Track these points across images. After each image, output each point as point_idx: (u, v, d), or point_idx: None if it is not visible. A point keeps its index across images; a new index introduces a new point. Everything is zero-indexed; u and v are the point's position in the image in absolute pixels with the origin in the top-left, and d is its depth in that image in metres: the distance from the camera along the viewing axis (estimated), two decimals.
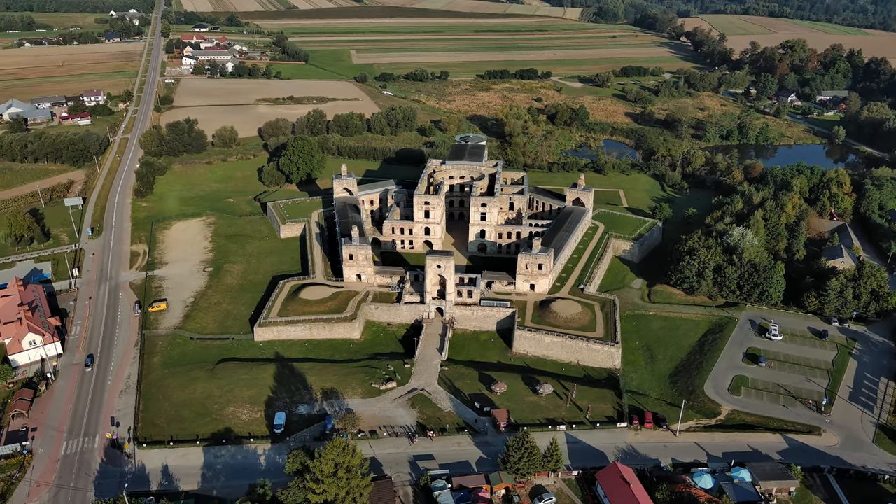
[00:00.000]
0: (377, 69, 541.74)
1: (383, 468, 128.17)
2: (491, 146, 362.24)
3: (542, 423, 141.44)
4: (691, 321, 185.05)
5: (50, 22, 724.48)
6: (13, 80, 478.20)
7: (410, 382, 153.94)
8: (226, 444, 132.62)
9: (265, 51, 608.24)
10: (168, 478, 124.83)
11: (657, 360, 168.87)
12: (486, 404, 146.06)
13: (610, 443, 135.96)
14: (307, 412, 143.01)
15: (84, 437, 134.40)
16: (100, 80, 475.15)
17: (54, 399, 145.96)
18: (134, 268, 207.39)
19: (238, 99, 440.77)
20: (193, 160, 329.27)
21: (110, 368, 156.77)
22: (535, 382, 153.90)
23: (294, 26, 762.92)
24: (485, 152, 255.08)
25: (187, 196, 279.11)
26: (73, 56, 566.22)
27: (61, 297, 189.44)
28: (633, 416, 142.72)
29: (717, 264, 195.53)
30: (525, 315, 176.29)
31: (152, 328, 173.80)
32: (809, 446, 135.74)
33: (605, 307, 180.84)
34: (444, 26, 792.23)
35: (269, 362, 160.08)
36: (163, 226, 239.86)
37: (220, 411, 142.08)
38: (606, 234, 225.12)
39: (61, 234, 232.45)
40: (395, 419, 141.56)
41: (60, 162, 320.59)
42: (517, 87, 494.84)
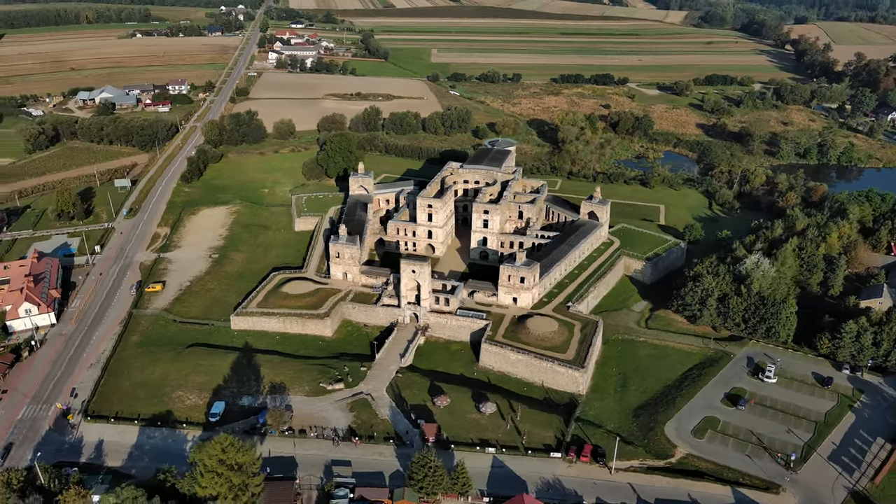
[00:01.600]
0: (452, 69, 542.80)
1: (298, 469, 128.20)
2: (541, 152, 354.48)
3: (472, 443, 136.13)
4: (683, 352, 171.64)
5: (165, 15, 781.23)
6: (118, 68, 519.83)
7: (360, 386, 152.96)
8: (161, 426, 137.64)
9: (350, 47, 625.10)
10: (98, 452, 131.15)
11: (629, 391, 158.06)
12: (424, 416, 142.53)
13: (537, 472, 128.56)
14: (248, 404, 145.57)
15: (43, 405, 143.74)
16: (191, 71, 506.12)
17: (32, 366, 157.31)
18: (150, 249, 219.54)
19: (310, 93, 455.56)
20: (249, 150, 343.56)
21: (91, 342, 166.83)
22: (483, 399, 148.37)
23: (386, 24, 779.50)
24: (508, 158, 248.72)
25: (228, 184, 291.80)
26: (174, 47, 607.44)
27: (77, 271, 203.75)
28: (572, 447, 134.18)
29: (723, 293, 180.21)
30: (499, 329, 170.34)
31: (142, 307, 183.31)
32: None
33: (586, 328, 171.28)
34: (531, 28, 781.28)
35: (233, 351, 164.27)
36: (191, 211, 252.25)
37: (169, 394, 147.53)
38: (618, 252, 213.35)
39: (101, 213, 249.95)
40: (329, 421, 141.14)
41: (131, 145, 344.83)
42: (588, 92, 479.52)
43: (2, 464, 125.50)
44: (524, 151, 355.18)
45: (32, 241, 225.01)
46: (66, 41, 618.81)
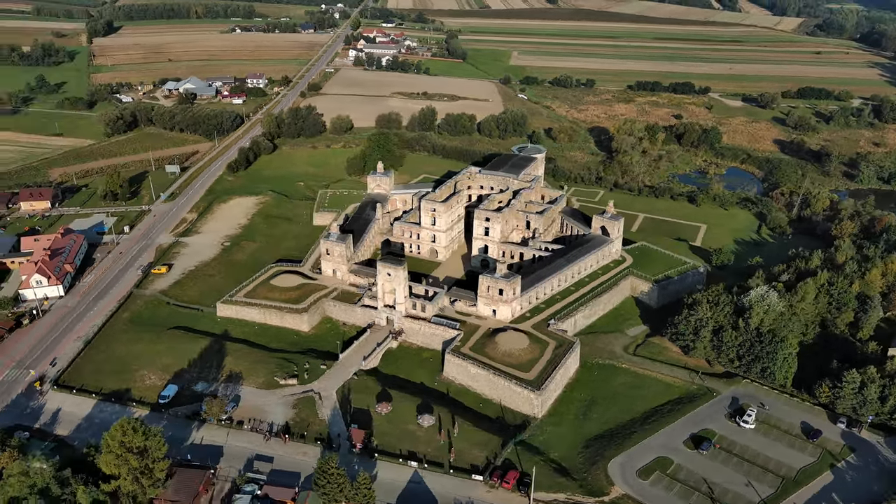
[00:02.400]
0: (528, 72, 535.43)
1: (222, 459, 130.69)
2: (593, 161, 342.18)
3: (398, 454, 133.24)
4: (663, 384, 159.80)
5: (267, 11, 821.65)
6: (210, 61, 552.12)
7: (312, 384, 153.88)
8: (114, 402, 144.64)
9: (431, 47, 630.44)
10: (53, 420, 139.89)
11: (589, 419, 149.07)
12: (363, 421, 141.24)
13: (453, 493, 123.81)
14: (201, 390, 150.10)
15: (24, 370, 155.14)
16: (274, 66, 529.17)
17: (29, 333, 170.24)
18: (172, 232, 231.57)
19: (378, 91, 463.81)
20: (303, 144, 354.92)
21: (87, 316, 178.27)
22: (427, 411, 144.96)
23: (475, 25, 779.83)
24: (531, 165, 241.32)
25: (271, 175, 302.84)
26: (266, 43, 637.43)
27: (102, 248, 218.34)
28: (497, 471, 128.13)
29: (719, 325, 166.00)
30: (468, 340, 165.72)
31: (143, 287, 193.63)
32: None
33: (559, 349, 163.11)
34: (624, 31, 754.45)
35: (209, 337, 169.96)
36: (223, 199, 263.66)
37: (134, 372, 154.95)
38: (625, 271, 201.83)
39: (145, 196, 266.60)
40: (269, 415, 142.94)
41: (198, 134, 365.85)
42: (664, 101, 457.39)
43: None
44: (574, 160, 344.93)
45: (76, 217, 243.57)
46: (173, 34, 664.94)
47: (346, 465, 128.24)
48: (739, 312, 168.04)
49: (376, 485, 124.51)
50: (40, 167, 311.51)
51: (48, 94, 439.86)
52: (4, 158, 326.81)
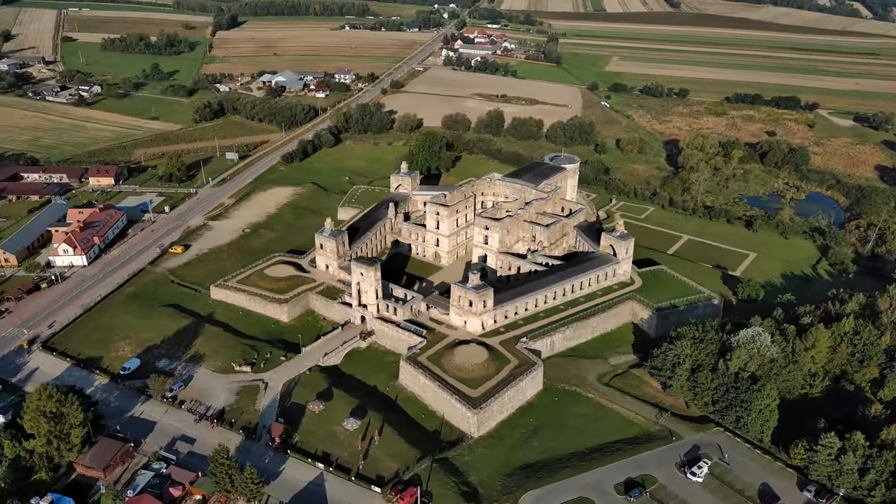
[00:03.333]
0: (623, 78, 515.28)
1: (150, 435, 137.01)
2: (655, 175, 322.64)
3: (312, 454, 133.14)
4: (624, 420, 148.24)
5: (380, 10, 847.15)
6: (311, 56, 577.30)
7: (265, 373, 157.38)
8: (82, 368, 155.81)
9: (529, 50, 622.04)
10: (29, 377, 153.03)
11: (528, 446, 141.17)
12: (293, 416, 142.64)
13: (347, 501, 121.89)
14: (163, 367, 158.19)
15: (25, 329, 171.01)
16: (368, 63, 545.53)
17: (43, 297, 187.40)
18: (204, 215, 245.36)
19: (458, 91, 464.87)
20: (367, 139, 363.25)
21: (97, 286, 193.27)
22: (358, 414, 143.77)
23: (584, 28, 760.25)
24: (557, 175, 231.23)
25: (322, 168, 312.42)
26: (368, 40, 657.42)
27: (140, 225, 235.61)
28: (399, 486, 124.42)
29: (697, 364, 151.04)
30: (429, 349, 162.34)
31: (156, 265, 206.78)
32: None
33: (518, 368, 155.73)
34: (741, 39, 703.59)
35: (192, 316, 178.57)
36: (263, 187, 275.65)
37: (113, 342, 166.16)
38: (628, 295, 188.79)
39: (198, 180, 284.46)
40: (211, 398, 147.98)
41: (274, 124, 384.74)
42: (761, 115, 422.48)
43: None
44: (635, 173, 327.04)
45: (130, 195, 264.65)
46: (287, 30, 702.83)
47: (259, 458, 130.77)
48: (724, 352, 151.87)
49: (277, 481, 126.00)
50: (128, 147, 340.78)
51: (159, 80, 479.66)
52: (101, 137, 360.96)
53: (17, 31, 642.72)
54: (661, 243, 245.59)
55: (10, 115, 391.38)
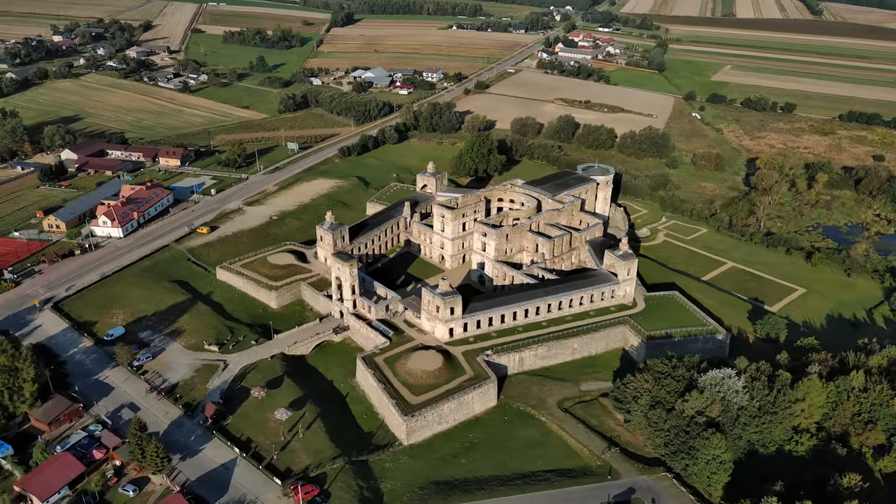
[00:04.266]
0: (728, 89, 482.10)
1: (104, 399, 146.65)
2: (725, 195, 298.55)
3: (236, 437, 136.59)
4: (569, 450, 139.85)
5: (493, 10, 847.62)
6: (411, 54, 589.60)
7: (229, 355, 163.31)
8: (76, 330, 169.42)
9: (633, 55, 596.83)
10: (30, 332, 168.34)
11: (454, 463, 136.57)
12: (234, 400, 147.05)
13: (247, 489, 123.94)
14: (144, 337, 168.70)
15: (47, 290, 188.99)
16: (462, 62, 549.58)
17: (73, 262, 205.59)
18: (243, 200, 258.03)
19: (541, 95, 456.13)
20: (433, 138, 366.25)
21: (122, 258, 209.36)
22: (297, 406, 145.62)
23: (702, 34, 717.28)
24: (581, 188, 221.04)
25: (375, 163, 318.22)
26: (471, 41, 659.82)
27: (184, 205, 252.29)
28: (299, 481, 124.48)
29: (656, 400, 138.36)
30: (389, 351, 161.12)
31: (179, 242, 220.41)
32: None
33: (470, 381, 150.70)
34: (869, 51, 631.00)
35: (190, 293, 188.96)
36: (308, 178, 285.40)
37: (111, 310, 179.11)
38: (620, 319, 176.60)
39: (254, 167, 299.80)
40: (170, 372, 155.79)
41: (349, 117, 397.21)
42: (874, 137, 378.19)
43: None
44: (702, 191, 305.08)
45: (187, 176, 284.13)
46: (397, 28, 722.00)
47: (188, 434, 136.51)
48: (683, 392, 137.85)
49: (193, 459, 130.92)
50: (213, 132, 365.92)
51: (263, 72, 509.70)
52: (193, 122, 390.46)
53: (157, 23, 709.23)
54: (700, 268, 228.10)
55: (123, 97, 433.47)
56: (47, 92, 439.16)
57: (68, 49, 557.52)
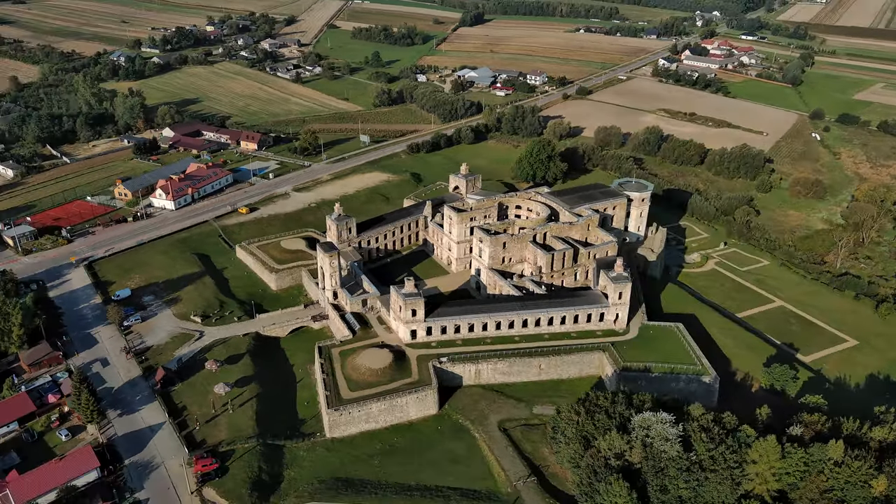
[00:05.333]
0: (869, 110, 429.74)
1: (86, 351, 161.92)
2: (809, 228, 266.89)
3: (171, 403, 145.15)
4: (485, 472, 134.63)
5: (630, 14, 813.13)
6: (525, 55, 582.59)
7: (210, 328, 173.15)
8: (94, 287, 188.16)
9: (769, 67, 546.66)
10: (57, 285, 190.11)
11: (366, 463, 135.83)
12: (192, 369, 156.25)
13: (159, 453, 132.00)
14: (146, 301, 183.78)
15: (90, 249, 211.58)
16: (572, 66, 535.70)
17: (123, 228, 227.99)
18: (294, 187, 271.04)
19: (644, 104, 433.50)
20: (511, 140, 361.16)
21: (165, 228, 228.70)
22: (241, 384, 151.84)
23: (863, 47, 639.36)
24: (604, 202, 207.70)
25: (439, 162, 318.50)
26: (595, 45, 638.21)
27: (242, 185, 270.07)
28: (205, 454, 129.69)
29: (582, 435, 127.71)
30: (350, 344, 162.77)
31: (217, 220, 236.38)
32: None
33: (411, 385, 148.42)
34: None
35: (204, 267, 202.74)
36: (364, 170, 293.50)
37: (132, 274, 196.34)
38: (600, 346, 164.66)
39: (323, 156, 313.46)
40: (150, 336, 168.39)
41: (436, 114, 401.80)
42: None
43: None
44: (785, 219, 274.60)
45: (260, 160, 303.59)
46: (521, 28, 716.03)
47: (136, 393, 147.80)
48: (619, 430, 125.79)
49: (129, 417, 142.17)
50: (307, 121, 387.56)
51: (375, 67, 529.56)
52: (294, 110, 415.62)
53: (301, 17, 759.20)
54: (740, 303, 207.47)
55: (243, 84, 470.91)
56: (182, 76, 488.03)
57: (215, 39, 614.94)
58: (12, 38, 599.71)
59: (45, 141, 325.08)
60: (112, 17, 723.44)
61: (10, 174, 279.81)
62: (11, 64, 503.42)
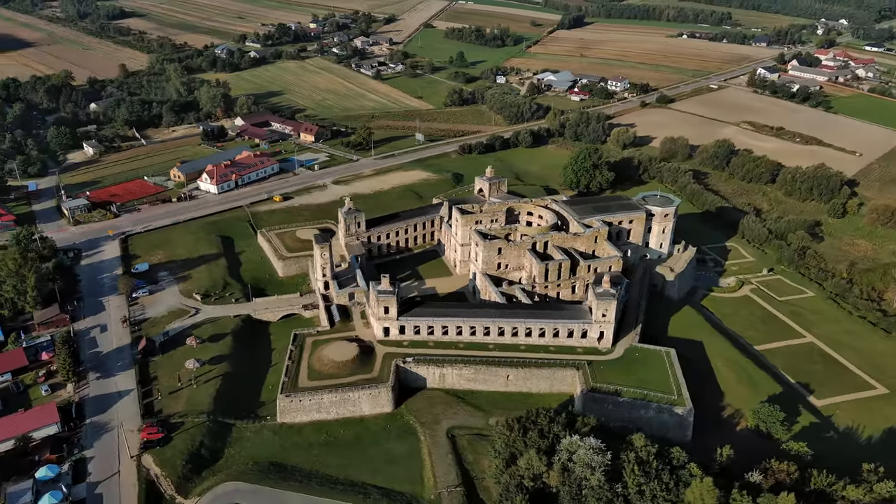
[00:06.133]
0: None
1: (92, 318, 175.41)
2: (879, 261, 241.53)
3: (146, 371, 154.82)
4: (417, 476, 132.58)
5: (746, 20, 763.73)
6: (615, 60, 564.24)
7: (206, 306, 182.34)
8: (120, 260, 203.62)
9: (889, 81, 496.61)
10: (93, 253, 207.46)
11: (305, 452, 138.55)
12: (177, 341, 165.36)
13: (114, 419, 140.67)
14: (160, 276, 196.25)
15: (130, 225, 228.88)
16: (665, 73, 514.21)
17: (166, 207, 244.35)
18: (334, 179, 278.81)
19: (730, 116, 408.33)
20: (572, 146, 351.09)
21: (202, 210, 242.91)
22: (214, 361, 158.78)
23: None
24: (619, 215, 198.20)
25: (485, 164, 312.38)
26: (695, 51, 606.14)
27: (283, 175, 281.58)
28: (155, 423, 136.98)
29: (511, 453, 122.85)
30: (325, 335, 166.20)
31: (254, 206, 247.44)
32: None
33: (368, 381, 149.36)
34: None
35: (223, 248, 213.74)
36: (407, 168, 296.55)
37: (157, 251, 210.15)
38: (574, 363, 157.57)
39: (373, 151, 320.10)
40: (151, 308, 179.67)
41: (503, 116, 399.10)
42: None
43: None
44: (848, 249, 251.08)
45: (311, 151, 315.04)
46: (619, 33, 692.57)
47: (119, 360, 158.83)
48: (550, 452, 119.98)
49: (105, 381, 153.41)
50: (376, 116, 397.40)
51: (458, 67, 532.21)
52: (366, 105, 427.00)
53: (402, 17, 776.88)
54: (764, 335, 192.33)
55: (325, 79, 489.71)
56: (272, 70, 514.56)
57: (314, 35, 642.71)
58: (139, 29, 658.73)
59: (133, 124, 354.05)
60: (231, 13, 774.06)
61: (91, 152, 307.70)
62: (129, 53, 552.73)
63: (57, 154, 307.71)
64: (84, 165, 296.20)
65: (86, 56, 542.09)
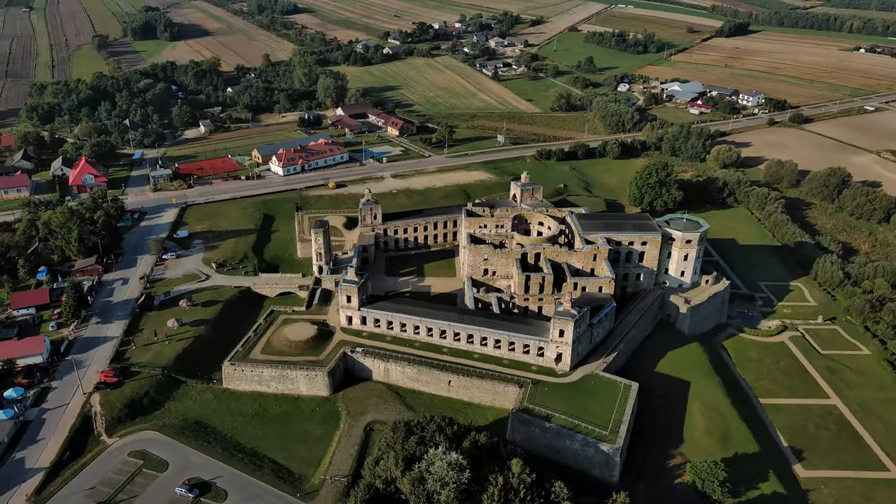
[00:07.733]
0: None
1: (120, 271, 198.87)
2: None
3: (135, 324, 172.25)
4: (314, 461, 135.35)
5: None
6: (763, 72, 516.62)
7: (218, 276, 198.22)
8: (171, 225, 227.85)
9: None
10: (154, 216, 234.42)
11: (231, 416, 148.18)
12: (173, 300, 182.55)
13: (94, 358, 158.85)
14: (193, 243, 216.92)
15: (197, 196, 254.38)
16: (818, 90, 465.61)
17: (234, 184, 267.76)
18: (393, 173, 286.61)
19: (873, 142, 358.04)
20: (662, 160, 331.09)
21: (261, 189, 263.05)
22: (194, 325, 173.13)
23: None
24: (631, 234, 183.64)
25: (559, 171, 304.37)
26: (868, 67, 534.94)
27: (350, 164, 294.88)
28: (115, 370, 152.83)
29: (387, 454, 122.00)
30: (296, 315, 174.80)
31: (309, 190, 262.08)
32: None
33: (310, 364, 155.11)
34: None
35: (264, 227, 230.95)
36: (470, 168, 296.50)
37: (205, 221, 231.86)
38: (516, 379, 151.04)
39: (442, 149, 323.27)
40: (172, 270, 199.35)
41: (605, 126, 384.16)
42: None
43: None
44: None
45: (389, 144, 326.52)
46: (786, 43, 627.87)
47: (119, 310, 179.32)
48: (411, 462, 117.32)
49: (100, 326, 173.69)
50: (477, 116, 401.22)
51: (584, 72, 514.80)
52: (472, 105, 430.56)
53: (551, 19, 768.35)
54: (778, 388, 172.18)
55: (444, 76, 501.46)
56: (399, 66, 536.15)
57: (454, 34, 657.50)
58: (303, 24, 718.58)
59: (252, 108, 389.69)
60: (390, 10, 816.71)
61: (203, 130, 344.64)
62: (284, 45, 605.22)
63: (177, 130, 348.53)
64: (193, 141, 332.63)
65: (248, 46, 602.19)
